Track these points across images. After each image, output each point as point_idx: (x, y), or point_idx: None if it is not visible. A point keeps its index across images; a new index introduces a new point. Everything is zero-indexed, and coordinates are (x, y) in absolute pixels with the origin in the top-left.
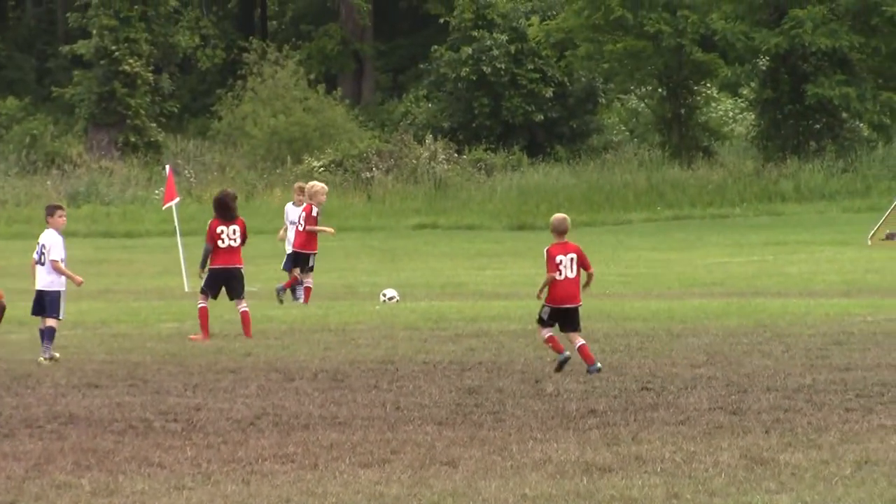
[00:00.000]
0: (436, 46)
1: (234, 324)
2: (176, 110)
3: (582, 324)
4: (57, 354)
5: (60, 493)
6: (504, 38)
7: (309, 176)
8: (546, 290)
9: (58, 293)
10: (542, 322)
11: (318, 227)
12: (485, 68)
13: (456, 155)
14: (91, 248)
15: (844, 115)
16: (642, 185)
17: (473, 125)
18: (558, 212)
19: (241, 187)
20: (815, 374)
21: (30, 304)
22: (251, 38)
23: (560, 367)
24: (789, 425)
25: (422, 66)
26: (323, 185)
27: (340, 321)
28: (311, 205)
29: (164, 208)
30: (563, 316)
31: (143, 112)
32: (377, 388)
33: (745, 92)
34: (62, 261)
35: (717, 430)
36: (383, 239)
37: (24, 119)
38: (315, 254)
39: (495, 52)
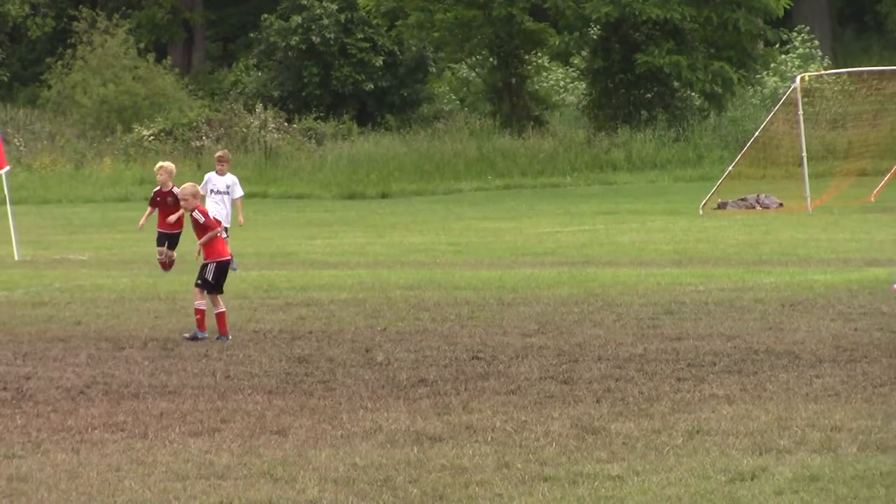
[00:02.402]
0: (266, 15)
1: (65, 292)
2: (5, 79)
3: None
4: None
5: None
6: (334, 7)
7: (139, 145)
8: (204, 248)
9: None
10: (207, 285)
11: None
12: (314, 38)
13: (286, 124)
14: None
15: (676, 84)
16: (473, 155)
17: (303, 94)
18: (389, 181)
19: (70, 156)
20: (647, 343)
21: None
22: (81, 6)
23: (195, 338)
24: (620, 395)
25: (252, 35)
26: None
27: (170, 290)
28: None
29: None
30: (224, 273)
31: None
32: (207, 357)
33: (576, 61)
34: None
35: (548, 400)
36: None
37: None
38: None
39: (325, 22)
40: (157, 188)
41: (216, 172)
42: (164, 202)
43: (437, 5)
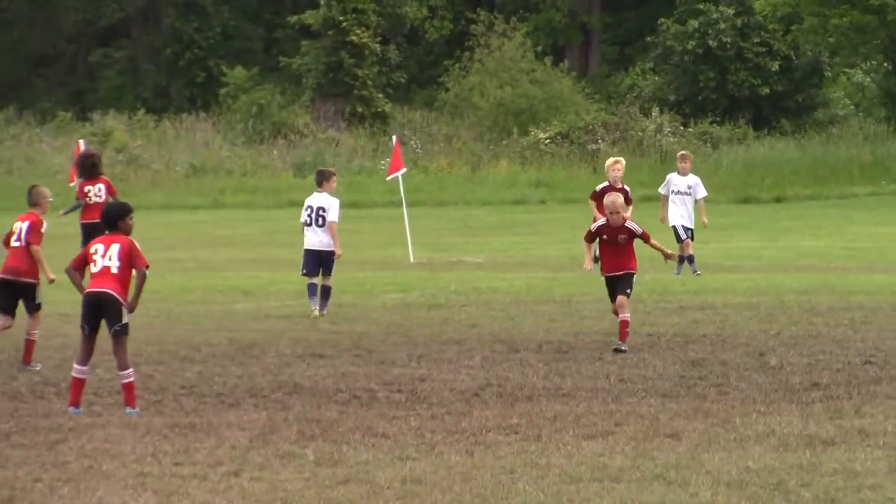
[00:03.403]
0: (662, 19)
1: (460, 294)
2: (403, 81)
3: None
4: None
5: (284, 462)
6: (731, 11)
7: (535, 148)
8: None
9: (333, 253)
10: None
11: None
12: (711, 42)
13: (681, 128)
14: None
15: None
16: (867, 160)
17: (699, 98)
18: (783, 185)
19: (467, 158)
20: None
21: (255, 274)
22: (478, 9)
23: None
24: None
25: (648, 39)
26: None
27: (566, 293)
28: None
29: (389, 179)
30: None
31: (370, 83)
32: (601, 360)
33: None
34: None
35: None
36: None
37: (252, 89)
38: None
39: (721, 26)
40: (605, 184)
41: (678, 172)
42: None
43: (832, 10)
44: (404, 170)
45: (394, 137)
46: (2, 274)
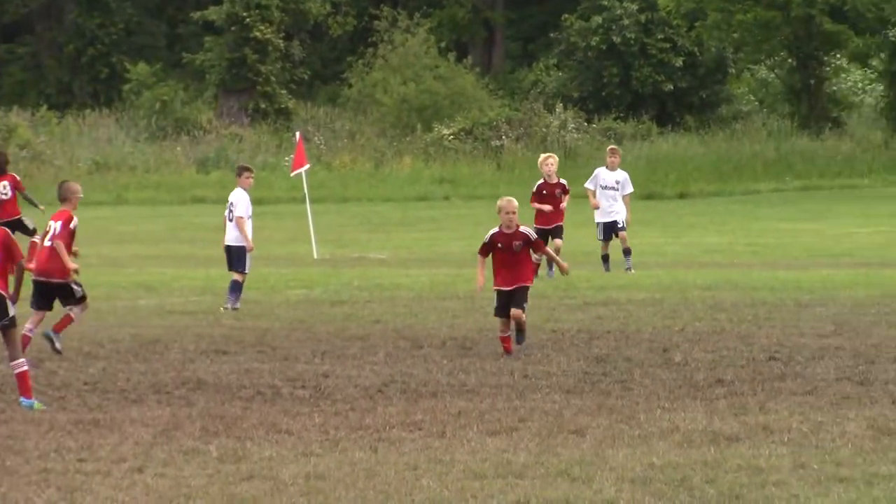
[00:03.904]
0: (566, 15)
1: (363, 290)
2: (306, 77)
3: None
4: (238, 306)
5: (188, 458)
6: (634, 7)
7: (438, 144)
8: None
9: (243, 248)
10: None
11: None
12: (614, 38)
13: (585, 124)
14: (220, 214)
15: None
16: (771, 156)
17: (603, 94)
18: (687, 181)
19: (370, 155)
20: None
21: (159, 270)
22: (382, 5)
23: None
24: None
25: (552, 34)
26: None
27: (469, 289)
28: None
29: (293, 175)
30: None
31: (273, 79)
32: (505, 357)
33: (874, 63)
34: (248, 219)
35: (845, 401)
36: None
37: (155, 85)
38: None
39: (625, 22)
40: (541, 181)
41: (606, 167)
42: (552, 194)
43: (736, 6)
44: (308, 166)
45: (297, 134)
46: (35, 276)
